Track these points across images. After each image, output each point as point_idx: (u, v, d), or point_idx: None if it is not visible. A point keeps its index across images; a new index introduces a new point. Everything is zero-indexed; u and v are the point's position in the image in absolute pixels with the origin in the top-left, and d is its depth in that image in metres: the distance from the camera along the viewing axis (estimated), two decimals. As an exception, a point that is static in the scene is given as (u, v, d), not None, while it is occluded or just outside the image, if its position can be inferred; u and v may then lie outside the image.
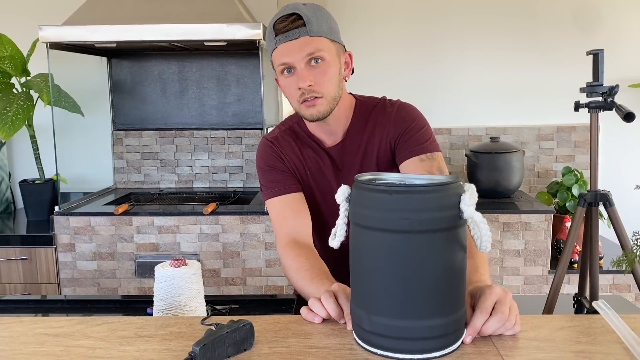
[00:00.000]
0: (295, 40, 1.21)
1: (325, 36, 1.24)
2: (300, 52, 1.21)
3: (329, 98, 1.26)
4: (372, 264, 0.94)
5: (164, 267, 1.33)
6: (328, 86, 1.25)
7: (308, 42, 1.21)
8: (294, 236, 1.31)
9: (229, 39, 2.62)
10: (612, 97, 1.32)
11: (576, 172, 2.95)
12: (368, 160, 1.34)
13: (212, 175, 3.36)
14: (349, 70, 1.33)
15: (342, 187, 0.96)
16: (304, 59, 1.22)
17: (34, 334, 1.11)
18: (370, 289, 0.95)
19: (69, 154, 3.27)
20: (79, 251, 2.76)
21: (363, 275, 0.96)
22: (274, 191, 1.35)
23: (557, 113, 3.17)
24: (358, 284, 0.98)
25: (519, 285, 2.73)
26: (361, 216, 0.94)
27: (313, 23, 1.22)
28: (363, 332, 1.00)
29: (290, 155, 1.39)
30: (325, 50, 1.23)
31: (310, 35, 1.21)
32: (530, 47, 3.17)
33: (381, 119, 1.35)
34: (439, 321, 0.94)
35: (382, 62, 3.20)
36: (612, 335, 1.07)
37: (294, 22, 1.21)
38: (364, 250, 0.94)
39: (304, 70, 1.23)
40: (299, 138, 1.40)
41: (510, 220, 2.69)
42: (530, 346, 1.03)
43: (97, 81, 3.31)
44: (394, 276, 0.91)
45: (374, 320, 0.96)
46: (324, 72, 1.24)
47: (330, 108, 1.27)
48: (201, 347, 0.96)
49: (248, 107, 3.31)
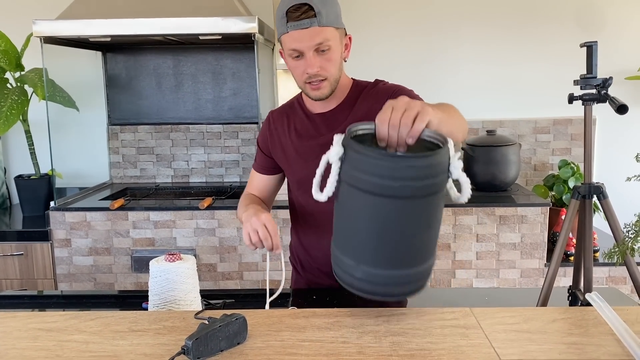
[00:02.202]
0: (306, 30, 1.31)
1: (332, 25, 1.34)
2: (311, 41, 1.32)
3: (332, 80, 1.39)
4: (366, 225, 0.98)
5: (158, 261, 1.33)
6: (332, 70, 1.38)
7: (318, 32, 1.31)
8: (249, 192, 1.66)
9: (224, 32, 2.61)
10: (606, 90, 1.32)
11: (572, 165, 2.95)
12: None
13: (208, 170, 3.35)
14: (348, 52, 1.45)
15: (335, 146, 0.98)
16: (313, 47, 1.33)
17: (28, 328, 1.11)
18: (363, 245, 1.00)
19: (65, 149, 3.26)
20: (75, 246, 2.75)
21: (356, 233, 1.00)
22: (254, 165, 1.66)
23: (554, 106, 3.17)
24: (348, 238, 1.04)
25: (516, 278, 2.74)
26: (359, 180, 0.94)
27: (323, 14, 1.31)
28: (352, 279, 1.06)
29: (278, 129, 1.56)
30: (331, 39, 1.34)
31: (320, 26, 1.31)
32: (527, 40, 3.17)
33: (374, 94, 1.48)
34: (419, 268, 1.05)
35: (379, 56, 3.19)
36: (605, 327, 1.07)
37: (306, 12, 1.30)
38: (360, 212, 0.97)
39: (313, 58, 1.34)
40: (294, 111, 1.55)
41: (506, 214, 2.69)
42: (522, 338, 1.03)
43: (92, 76, 3.30)
44: (388, 237, 0.98)
45: (364, 269, 1.02)
46: (330, 58, 1.36)
47: (332, 89, 1.41)
48: (194, 341, 0.96)
49: (244, 101, 3.30)
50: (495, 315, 1.13)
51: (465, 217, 2.69)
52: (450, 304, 1.51)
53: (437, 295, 1.72)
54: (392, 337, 1.05)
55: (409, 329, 1.08)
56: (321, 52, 1.35)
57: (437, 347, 1.00)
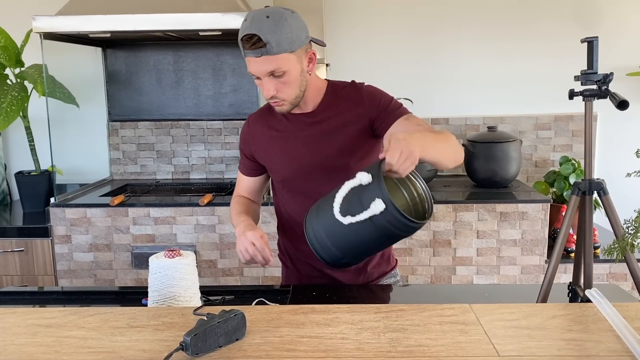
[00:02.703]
0: (259, 58, 1.36)
1: (285, 51, 1.37)
2: (263, 68, 1.37)
3: (290, 99, 1.45)
4: (361, 240, 1.25)
5: (158, 257, 1.33)
6: (289, 92, 1.43)
7: (270, 61, 1.36)
8: (238, 194, 1.72)
9: (224, 28, 2.60)
10: (607, 85, 1.31)
11: (574, 162, 2.94)
12: (338, 127, 1.52)
13: (209, 166, 3.35)
14: (313, 65, 1.48)
15: (378, 204, 1.16)
16: (266, 73, 1.38)
17: (27, 324, 1.11)
18: (351, 246, 1.28)
19: (65, 145, 3.26)
20: (75, 243, 2.75)
21: (350, 239, 1.25)
22: (240, 167, 1.71)
23: (555, 102, 3.16)
24: (340, 237, 1.26)
25: (516, 274, 2.73)
26: (382, 223, 1.18)
27: (273, 44, 1.34)
28: (323, 250, 1.30)
29: (258, 132, 1.61)
30: (284, 64, 1.38)
31: (270, 54, 1.35)
32: (528, 35, 3.16)
33: (354, 96, 1.53)
34: None
35: (380, 52, 3.18)
36: (604, 324, 1.07)
37: (255, 43, 1.34)
38: (363, 233, 1.22)
39: (268, 83, 1.40)
40: (272, 113, 1.59)
41: (507, 210, 2.69)
42: (522, 334, 1.03)
43: (92, 72, 3.29)
44: (370, 248, 1.34)
45: (335, 253, 1.29)
46: (285, 82, 1.41)
47: (293, 105, 1.47)
48: (192, 337, 0.96)
49: (244, 97, 3.29)
50: (494, 312, 1.13)
51: (466, 213, 2.69)
52: (450, 301, 1.51)
53: (436, 292, 1.72)
54: (391, 333, 1.05)
55: (407, 325, 1.08)
56: (277, 76, 1.40)
57: (436, 343, 1.00)
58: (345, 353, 0.97)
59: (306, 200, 1.55)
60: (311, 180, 1.55)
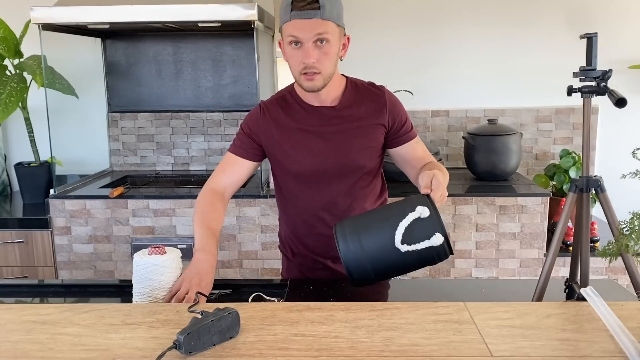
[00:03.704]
0: (309, 20, 1.36)
1: (334, 21, 1.39)
2: (312, 31, 1.37)
3: (325, 75, 1.43)
4: (404, 265, 1.29)
5: (141, 254, 1.32)
6: (327, 65, 1.42)
7: (319, 25, 1.37)
8: (215, 186, 1.59)
9: (223, 19, 2.58)
10: (605, 82, 1.30)
11: (574, 155, 2.93)
12: (359, 127, 1.53)
13: (209, 158, 3.35)
14: (345, 52, 1.50)
15: (439, 238, 1.22)
16: (313, 38, 1.38)
17: (22, 321, 1.12)
18: (387, 267, 1.29)
19: (64, 137, 3.26)
20: (75, 234, 2.76)
21: (390, 262, 1.27)
22: (233, 148, 1.61)
23: (556, 95, 3.13)
24: (381, 261, 1.27)
25: (515, 268, 2.73)
26: (429, 254, 1.25)
27: (327, 8, 1.36)
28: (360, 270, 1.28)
29: (273, 120, 1.56)
30: (331, 33, 1.39)
31: (322, 19, 1.36)
32: (529, 28, 3.13)
33: (377, 100, 1.55)
34: None
35: (380, 44, 3.16)
36: (599, 323, 1.07)
37: (311, 3, 1.35)
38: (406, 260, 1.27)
39: (311, 49, 1.38)
40: (288, 103, 1.57)
41: (506, 203, 2.68)
42: (515, 334, 1.03)
43: (91, 63, 3.28)
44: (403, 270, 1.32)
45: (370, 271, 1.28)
46: (327, 52, 1.40)
47: (325, 83, 1.45)
48: (186, 335, 0.96)
49: (244, 88, 3.28)
50: (489, 310, 1.13)
51: (465, 206, 2.68)
52: (446, 296, 1.51)
53: (433, 287, 1.72)
54: (385, 332, 1.05)
55: (402, 324, 1.08)
56: (319, 45, 1.39)
57: (430, 343, 1.00)
58: (338, 352, 0.97)
59: (317, 195, 1.56)
60: (325, 177, 1.55)
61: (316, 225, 1.60)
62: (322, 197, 1.58)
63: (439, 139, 3.25)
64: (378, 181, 1.66)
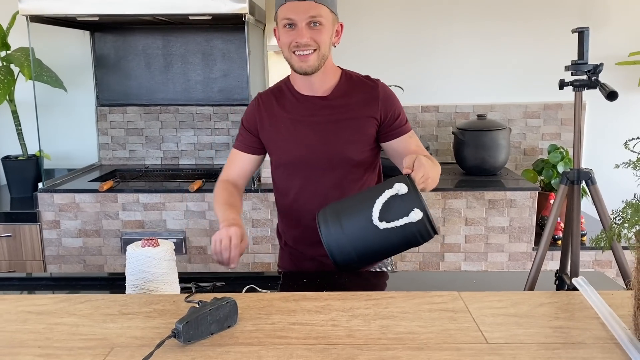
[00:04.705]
0: (303, 2, 1.41)
1: (327, 5, 1.45)
2: (305, 13, 1.42)
3: (320, 53, 1.46)
4: (385, 242, 1.31)
5: (134, 246, 1.32)
6: (322, 44, 1.45)
7: (313, 7, 1.42)
8: (226, 178, 1.65)
9: (214, 12, 2.57)
10: (597, 76, 1.32)
11: (562, 150, 2.97)
12: (349, 119, 1.54)
13: (198, 152, 3.34)
14: (338, 38, 1.54)
15: (417, 213, 1.25)
16: (306, 20, 1.42)
17: (17, 311, 1.11)
18: (369, 247, 1.32)
19: (52, 130, 3.22)
20: (64, 228, 2.74)
21: (369, 240, 1.30)
22: (236, 142, 1.66)
23: (544, 91, 3.17)
24: (361, 240, 1.30)
25: (504, 261, 2.77)
26: (411, 231, 1.27)
27: None
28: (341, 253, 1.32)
29: (267, 110, 1.59)
30: (324, 17, 1.44)
31: (316, 2, 1.42)
32: (518, 24, 3.16)
33: (370, 92, 1.56)
34: None
35: (371, 40, 3.17)
36: (590, 311, 1.09)
37: None
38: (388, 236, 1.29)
39: (304, 29, 1.43)
40: (282, 94, 1.59)
41: (495, 198, 2.71)
42: (509, 322, 1.05)
43: (80, 56, 3.25)
44: (386, 252, 1.39)
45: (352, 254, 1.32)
46: (320, 32, 1.45)
47: (319, 64, 1.47)
48: (184, 324, 0.96)
49: (234, 82, 3.27)
50: (483, 299, 1.15)
51: (455, 200, 2.70)
52: (438, 288, 1.52)
53: (425, 279, 1.74)
54: (381, 320, 1.06)
55: (397, 313, 1.09)
56: (313, 27, 1.43)
57: (426, 331, 1.01)
58: (336, 340, 0.98)
59: (305, 185, 1.57)
60: (314, 167, 1.56)
61: (306, 216, 1.59)
62: (312, 188, 1.58)
63: (429, 134, 3.27)
64: (372, 176, 1.64)
